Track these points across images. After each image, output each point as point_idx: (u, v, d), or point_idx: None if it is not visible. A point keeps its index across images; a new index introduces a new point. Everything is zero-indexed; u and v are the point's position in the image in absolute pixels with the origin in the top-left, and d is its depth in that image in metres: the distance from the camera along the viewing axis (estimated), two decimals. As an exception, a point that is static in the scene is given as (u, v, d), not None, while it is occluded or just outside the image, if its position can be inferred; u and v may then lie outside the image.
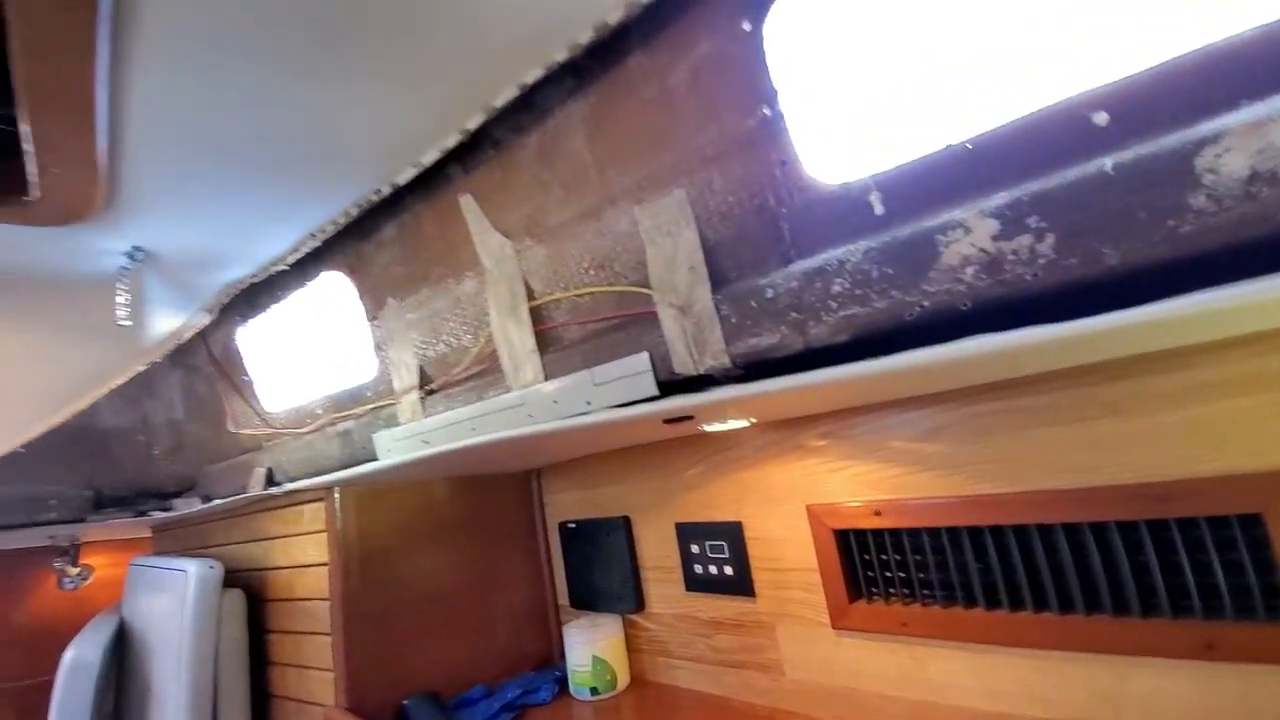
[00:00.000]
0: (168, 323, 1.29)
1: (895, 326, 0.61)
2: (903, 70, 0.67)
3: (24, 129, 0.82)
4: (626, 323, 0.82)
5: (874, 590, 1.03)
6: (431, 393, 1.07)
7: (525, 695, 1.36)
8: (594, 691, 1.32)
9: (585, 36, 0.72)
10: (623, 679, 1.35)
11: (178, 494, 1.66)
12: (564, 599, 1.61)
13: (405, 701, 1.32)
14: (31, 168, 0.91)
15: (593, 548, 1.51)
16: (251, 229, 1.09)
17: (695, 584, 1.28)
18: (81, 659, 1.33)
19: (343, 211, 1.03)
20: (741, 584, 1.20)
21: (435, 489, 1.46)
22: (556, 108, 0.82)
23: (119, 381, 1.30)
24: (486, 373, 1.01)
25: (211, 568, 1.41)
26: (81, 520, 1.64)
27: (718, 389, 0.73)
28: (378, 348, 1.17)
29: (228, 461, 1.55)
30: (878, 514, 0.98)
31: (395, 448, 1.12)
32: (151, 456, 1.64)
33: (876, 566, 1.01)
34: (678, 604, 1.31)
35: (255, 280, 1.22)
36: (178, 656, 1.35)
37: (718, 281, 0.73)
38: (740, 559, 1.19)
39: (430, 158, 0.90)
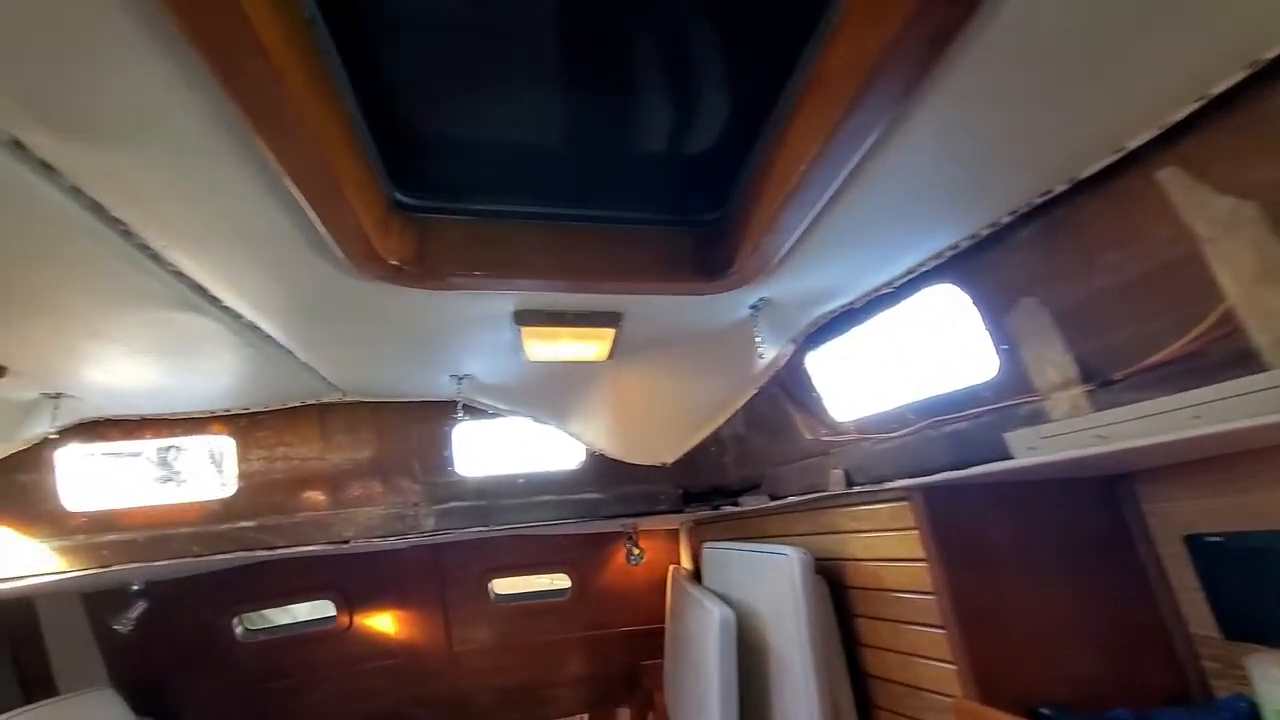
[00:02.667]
0: (768, 355, 1.64)
1: None
2: None
3: (737, 237, 1.14)
4: None
5: None
6: (1108, 384, 1.03)
7: (1210, 735, 1.16)
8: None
9: None
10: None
11: (740, 492, 2.09)
12: (1196, 625, 1.34)
13: (1044, 710, 1.29)
14: (734, 254, 1.27)
15: (1258, 570, 1.21)
16: (866, 268, 1.29)
17: None
18: (728, 618, 1.76)
19: (972, 233, 1.11)
20: None
21: (1003, 493, 1.42)
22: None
23: (737, 407, 1.71)
24: (1201, 355, 0.91)
25: (804, 555, 1.68)
26: (679, 511, 2.21)
27: None
28: (1002, 348, 1.20)
29: (793, 464, 1.85)
30: None
31: (1044, 445, 1.12)
32: (724, 464, 2.12)
33: None
34: None
35: (851, 307, 1.44)
36: (796, 625, 1.64)
37: None
38: None
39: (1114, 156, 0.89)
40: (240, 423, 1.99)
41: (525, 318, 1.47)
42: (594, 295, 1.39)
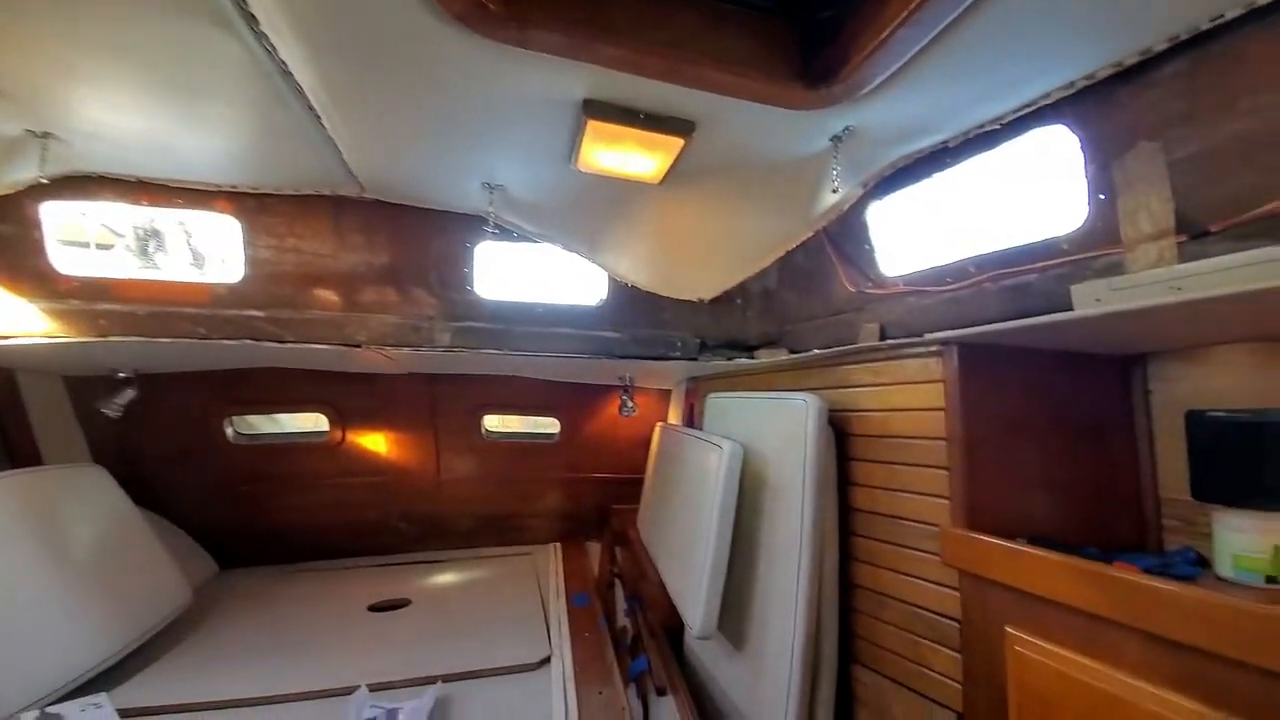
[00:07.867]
0: (840, 192, 1.57)
1: None
2: None
3: (846, 45, 1.02)
4: None
5: None
6: (1201, 235, 1.03)
7: (1163, 567, 1.35)
8: (1271, 580, 1.21)
9: None
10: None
11: (756, 347, 2.13)
12: (1168, 490, 1.51)
13: (1021, 540, 1.47)
14: (839, 62, 1.15)
15: (1244, 441, 1.34)
16: (975, 99, 1.20)
17: None
18: (735, 450, 1.86)
19: (1111, 64, 1.03)
20: None
21: (1029, 360, 1.49)
22: None
23: (785, 249, 1.66)
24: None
25: (820, 400, 1.76)
26: (693, 359, 2.25)
27: None
28: (1098, 196, 1.18)
29: (818, 321, 1.88)
30: None
31: (1112, 297, 1.15)
32: (746, 317, 2.12)
33: None
34: None
35: (944, 145, 1.37)
36: (801, 461, 1.77)
37: None
38: None
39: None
40: (248, 204, 1.83)
41: (595, 109, 1.33)
42: (674, 90, 1.27)
